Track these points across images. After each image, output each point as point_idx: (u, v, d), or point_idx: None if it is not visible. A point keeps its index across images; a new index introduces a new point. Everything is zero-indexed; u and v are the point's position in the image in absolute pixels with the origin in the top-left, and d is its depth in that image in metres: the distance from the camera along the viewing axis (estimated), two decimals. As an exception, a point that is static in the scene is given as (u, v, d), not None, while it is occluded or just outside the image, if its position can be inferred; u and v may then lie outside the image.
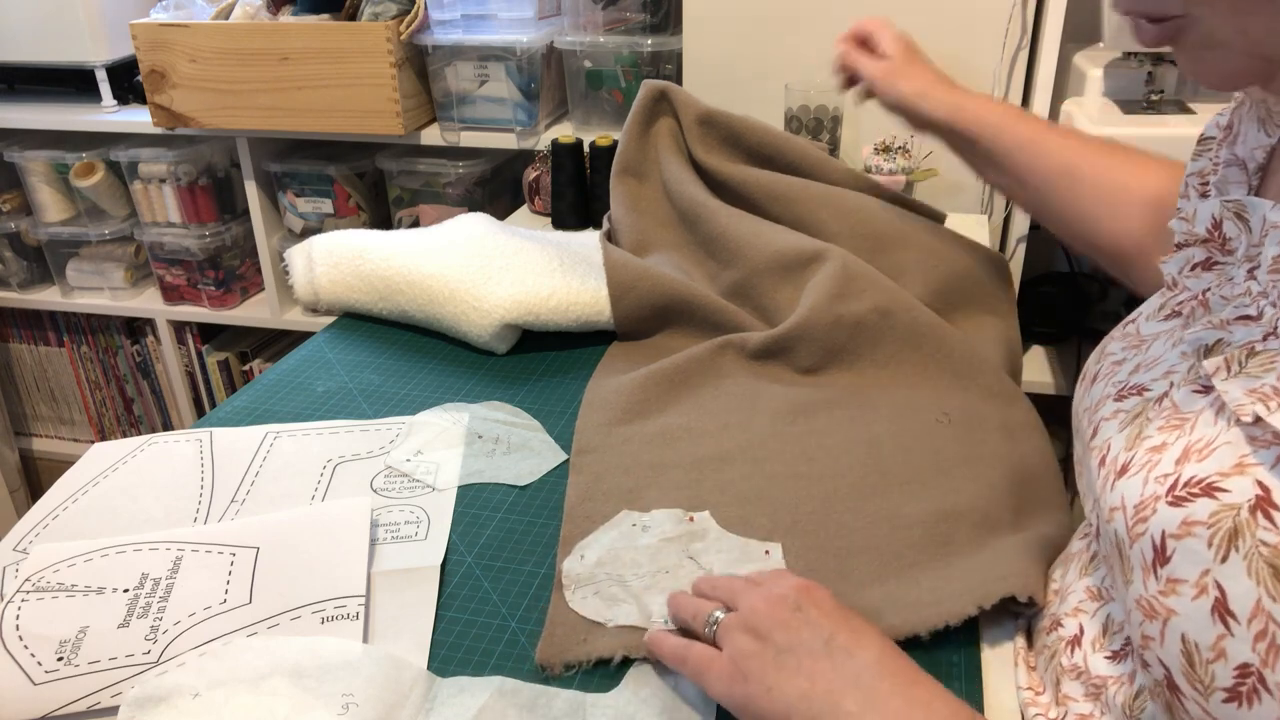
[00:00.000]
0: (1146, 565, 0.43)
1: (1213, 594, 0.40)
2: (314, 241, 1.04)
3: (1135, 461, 0.46)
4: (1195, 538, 0.40)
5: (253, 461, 0.77)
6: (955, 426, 0.76)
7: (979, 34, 1.31)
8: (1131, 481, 0.45)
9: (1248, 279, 0.46)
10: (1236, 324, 0.45)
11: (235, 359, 1.98)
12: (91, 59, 1.76)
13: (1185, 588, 0.41)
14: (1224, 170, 0.53)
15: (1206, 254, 0.51)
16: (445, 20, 1.53)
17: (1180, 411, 0.46)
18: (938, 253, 0.96)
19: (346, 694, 0.53)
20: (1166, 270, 0.53)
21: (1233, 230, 0.49)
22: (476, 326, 0.91)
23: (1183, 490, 0.42)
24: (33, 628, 0.59)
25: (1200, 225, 0.51)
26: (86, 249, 1.92)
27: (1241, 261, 0.48)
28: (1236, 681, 0.39)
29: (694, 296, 0.93)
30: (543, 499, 0.73)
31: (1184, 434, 0.45)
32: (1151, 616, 0.42)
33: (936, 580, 0.61)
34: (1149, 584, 0.43)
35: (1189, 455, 0.43)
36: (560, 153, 1.24)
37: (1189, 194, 0.56)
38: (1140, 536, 0.43)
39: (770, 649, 0.49)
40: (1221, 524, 0.40)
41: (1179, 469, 0.43)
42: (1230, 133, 0.54)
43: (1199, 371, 0.46)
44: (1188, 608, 0.41)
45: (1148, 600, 0.43)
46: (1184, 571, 0.41)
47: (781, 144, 1.07)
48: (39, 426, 2.22)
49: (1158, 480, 0.44)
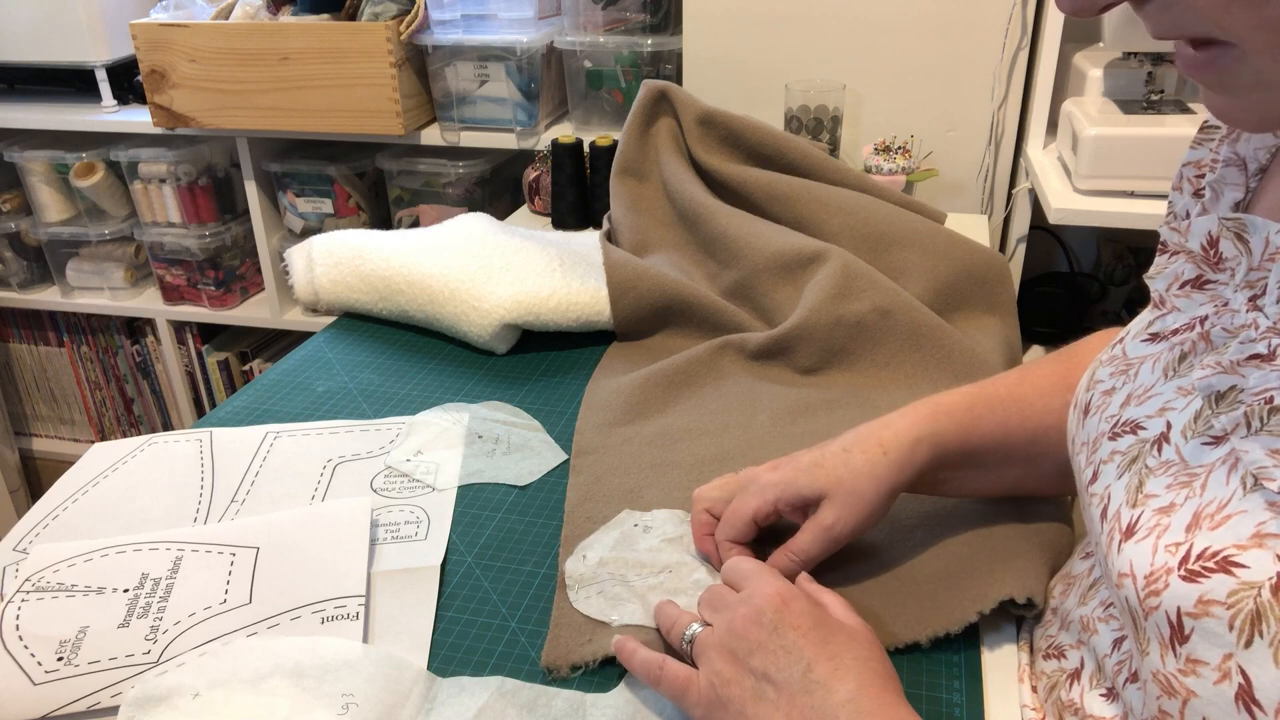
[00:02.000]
0: (1164, 641, 0.40)
1: (1236, 680, 0.37)
2: (314, 241, 1.04)
3: (1142, 524, 0.44)
4: (1214, 618, 0.38)
5: (253, 461, 0.77)
6: (955, 426, 0.76)
7: (979, 34, 1.31)
8: (1140, 548, 0.43)
9: (1250, 309, 0.43)
10: (1248, 365, 0.42)
11: (235, 359, 1.98)
12: (91, 59, 1.76)
13: (1206, 670, 0.39)
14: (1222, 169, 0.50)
15: (1196, 270, 0.48)
16: (445, 20, 1.53)
17: (1189, 467, 0.43)
18: (938, 253, 0.96)
19: (346, 694, 0.53)
20: (1154, 287, 0.50)
21: (1230, 250, 0.45)
22: (476, 326, 0.91)
23: (1195, 564, 0.40)
24: (33, 628, 0.59)
25: (1194, 242, 0.48)
26: (86, 249, 1.92)
27: (1241, 287, 0.44)
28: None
29: (694, 296, 0.93)
30: (543, 499, 0.73)
31: (1193, 494, 0.42)
32: (1170, 694, 0.40)
33: (936, 584, 0.61)
34: (1167, 661, 0.40)
35: (1200, 522, 0.41)
36: (560, 153, 1.24)
37: (1182, 186, 0.53)
38: (1154, 610, 0.41)
39: (748, 677, 0.49)
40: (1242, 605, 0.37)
41: (1190, 537, 0.40)
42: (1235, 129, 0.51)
43: (1207, 420, 0.43)
44: (1209, 691, 0.38)
45: (1165, 676, 0.40)
46: (1204, 653, 0.39)
47: (781, 144, 1.07)
48: (39, 426, 2.22)
49: (1168, 550, 0.41)
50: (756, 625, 0.50)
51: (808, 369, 0.86)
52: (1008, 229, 1.41)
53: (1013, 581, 0.58)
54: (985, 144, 1.37)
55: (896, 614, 0.59)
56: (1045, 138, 1.30)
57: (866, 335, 0.86)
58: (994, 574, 0.60)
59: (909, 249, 0.96)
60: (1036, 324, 1.49)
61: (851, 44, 1.36)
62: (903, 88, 1.37)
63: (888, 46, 1.35)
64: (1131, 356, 0.51)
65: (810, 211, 1.01)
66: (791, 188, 1.03)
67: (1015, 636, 0.59)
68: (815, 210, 1.01)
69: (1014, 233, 1.38)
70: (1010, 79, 1.33)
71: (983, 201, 1.40)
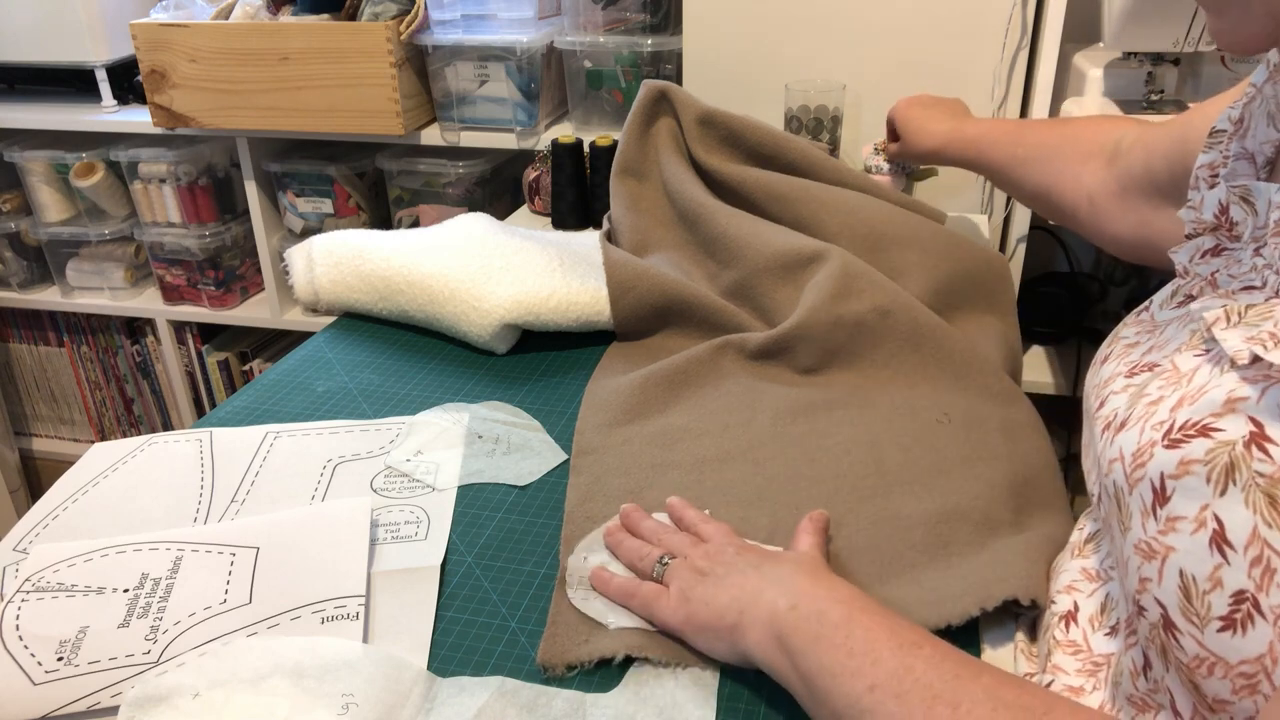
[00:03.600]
0: (1146, 508, 0.44)
1: (1211, 526, 0.41)
2: (314, 241, 1.04)
3: (1133, 416, 0.48)
4: (1193, 475, 0.42)
5: (253, 461, 0.77)
6: (955, 426, 0.76)
7: (979, 34, 1.31)
8: (1129, 433, 0.47)
9: (1254, 256, 0.48)
10: (1241, 294, 0.46)
11: (235, 359, 1.98)
12: (91, 59, 1.76)
13: (1184, 524, 0.42)
14: (1234, 164, 0.54)
15: (1215, 241, 0.52)
16: (445, 20, 1.53)
17: (1179, 370, 0.47)
18: (938, 253, 0.96)
19: (346, 694, 0.53)
20: (1178, 259, 0.54)
21: (1239, 214, 0.50)
22: (476, 326, 0.91)
23: (1178, 433, 0.43)
24: (33, 628, 0.59)
25: (1208, 212, 0.52)
26: (86, 249, 1.92)
27: (1248, 244, 0.49)
28: (1232, 609, 0.40)
29: (693, 296, 0.93)
30: (543, 499, 0.73)
31: (1180, 387, 0.46)
32: (1150, 557, 0.43)
33: (938, 581, 0.61)
34: (1148, 526, 0.44)
35: (1183, 402, 0.44)
36: (560, 153, 1.24)
37: (1199, 185, 0.56)
38: (1139, 481, 0.45)
39: (711, 577, 0.57)
40: (1218, 460, 0.41)
41: (1174, 415, 0.44)
42: (1241, 126, 0.55)
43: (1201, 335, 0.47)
44: (1186, 543, 0.42)
45: (1146, 541, 0.44)
46: (1183, 508, 0.42)
47: (781, 144, 1.07)
48: (39, 426, 2.22)
49: (1154, 428, 0.45)
50: (719, 554, 0.59)
51: (808, 369, 0.86)
52: (1008, 229, 1.41)
53: (1016, 581, 0.58)
54: (985, 144, 1.37)
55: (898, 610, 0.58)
56: (1045, 138, 1.30)
57: (866, 335, 0.86)
58: (996, 573, 0.59)
59: (909, 249, 0.96)
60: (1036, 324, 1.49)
61: (851, 44, 1.36)
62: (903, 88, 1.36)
63: (888, 46, 1.35)
64: (1159, 319, 0.56)
65: (810, 211, 1.01)
66: (791, 188, 1.03)
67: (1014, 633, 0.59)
68: (815, 210, 1.01)
69: (1014, 233, 1.38)
70: (1010, 79, 1.33)
71: (983, 201, 1.40)
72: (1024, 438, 0.75)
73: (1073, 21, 1.26)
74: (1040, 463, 0.73)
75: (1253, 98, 0.55)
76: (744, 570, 0.57)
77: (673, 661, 0.56)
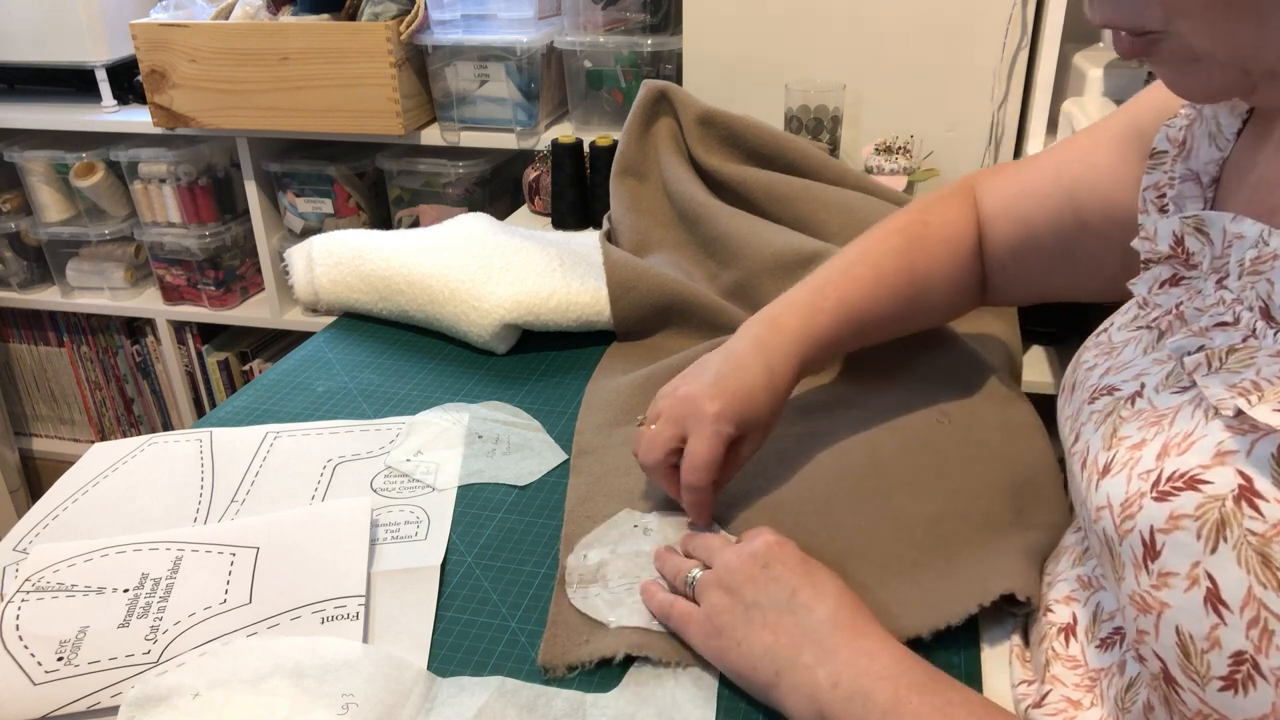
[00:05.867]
0: (1137, 561, 0.43)
1: (1204, 585, 0.40)
2: (314, 241, 1.04)
3: (1116, 461, 0.47)
4: (1183, 530, 0.41)
5: (253, 461, 0.77)
6: (955, 427, 0.76)
7: (979, 34, 1.31)
8: (1115, 481, 0.46)
9: (1218, 289, 0.47)
10: (1215, 330, 0.46)
11: (235, 359, 1.98)
12: (91, 59, 1.76)
13: (1177, 580, 0.41)
14: (1180, 185, 0.54)
15: (1172, 270, 0.52)
16: (445, 20, 1.53)
17: (1158, 410, 0.47)
18: (938, 253, 0.96)
19: (346, 694, 0.53)
20: (1137, 291, 0.54)
21: (1195, 245, 0.50)
22: (476, 326, 0.91)
23: (1166, 485, 0.43)
24: (33, 628, 0.59)
25: (1163, 243, 0.52)
26: (86, 249, 1.92)
27: (1208, 274, 0.49)
28: (1231, 670, 0.39)
29: (693, 296, 0.93)
30: (543, 499, 0.73)
31: (1162, 430, 0.45)
32: (1145, 611, 0.43)
33: (937, 580, 0.61)
34: (1140, 579, 0.43)
35: (1169, 450, 0.44)
36: (560, 153, 1.24)
37: (1147, 209, 0.56)
38: (1129, 534, 0.44)
39: (740, 605, 0.55)
40: (1208, 516, 0.40)
41: (1160, 464, 0.44)
42: (1184, 148, 0.55)
43: (1178, 376, 0.47)
44: (1180, 600, 0.41)
45: (1140, 595, 0.43)
46: (1174, 564, 0.41)
47: (781, 144, 1.07)
48: (39, 426, 2.22)
49: (1140, 477, 0.44)
50: (750, 563, 0.57)
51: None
52: (1008, 229, 1.41)
53: (1013, 577, 0.58)
54: (985, 144, 1.37)
55: (898, 610, 0.59)
56: (1045, 138, 1.30)
57: (866, 335, 0.85)
58: (995, 571, 0.59)
59: (909, 249, 0.96)
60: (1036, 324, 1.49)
61: (851, 44, 1.36)
62: (903, 88, 1.37)
63: (888, 46, 1.35)
64: (1116, 341, 0.55)
65: (810, 211, 1.01)
66: (791, 188, 1.03)
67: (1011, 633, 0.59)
68: (815, 210, 1.01)
69: (1014, 233, 1.38)
70: (1010, 79, 1.33)
71: (983, 201, 1.40)
72: (1024, 438, 0.75)
73: (1073, 21, 1.26)
74: (1040, 463, 0.73)
75: (1194, 120, 0.55)
76: (778, 607, 0.54)
77: (674, 661, 0.56)
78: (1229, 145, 0.53)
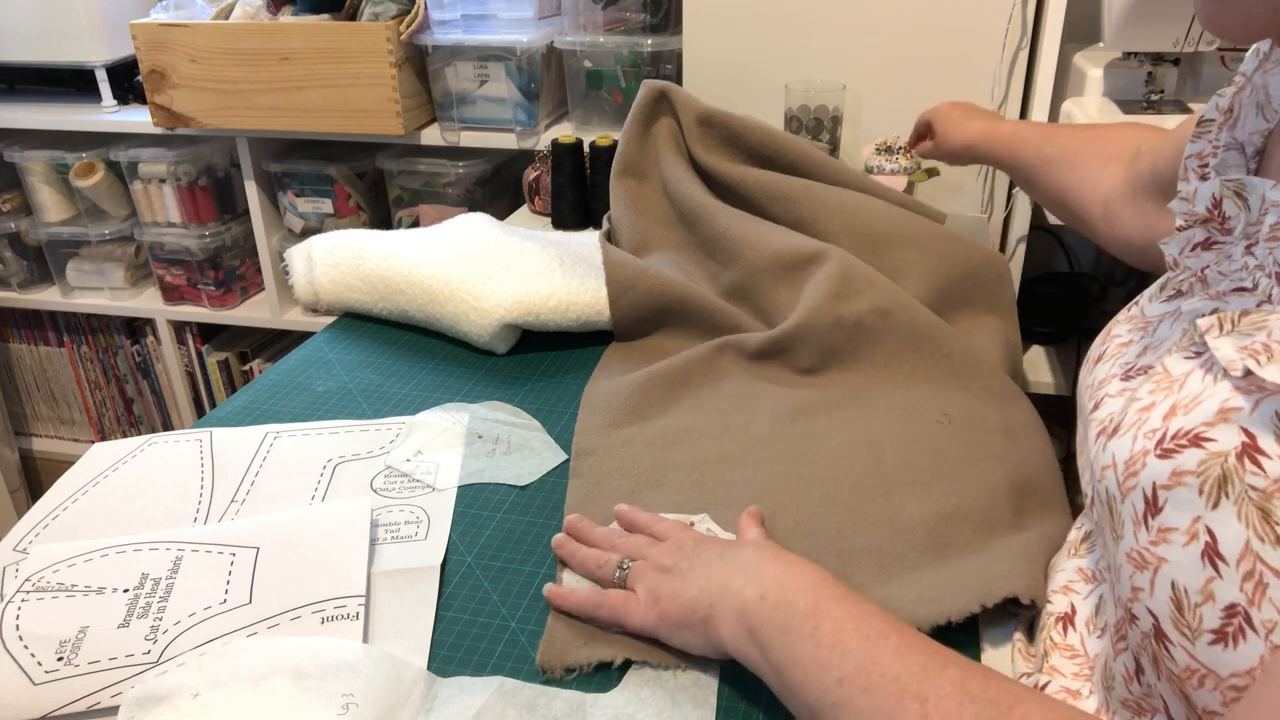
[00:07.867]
0: (1138, 518, 0.44)
1: (1203, 539, 0.40)
2: (314, 241, 1.04)
3: (1126, 421, 0.47)
4: (1185, 486, 0.41)
5: (253, 461, 0.77)
6: (955, 427, 0.76)
7: (979, 34, 1.31)
8: (1122, 440, 0.46)
9: (1245, 254, 0.47)
10: (1232, 295, 0.46)
11: (235, 359, 1.98)
12: (91, 59, 1.76)
13: (1176, 535, 0.42)
14: (1224, 154, 0.54)
15: (1206, 234, 0.51)
16: (445, 20, 1.53)
17: (1171, 375, 0.47)
18: (938, 253, 0.96)
19: (346, 694, 0.53)
20: (1168, 251, 0.54)
21: (1232, 209, 0.50)
22: (476, 326, 0.91)
23: (1171, 443, 0.43)
24: (33, 628, 0.59)
25: (1200, 205, 0.51)
26: (86, 249, 1.92)
27: (1239, 239, 0.49)
28: (1223, 622, 0.40)
29: (693, 297, 0.93)
30: (543, 499, 0.73)
31: (1172, 393, 0.46)
32: (1142, 567, 0.43)
33: (937, 580, 0.61)
34: (1140, 535, 0.44)
35: (1176, 411, 0.44)
36: (560, 153, 1.24)
37: (1189, 176, 0.56)
38: (1131, 490, 0.44)
39: (676, 572, 0.58)
40: (1210, 472, 0.41)
41: (1166, 424, 0.44)
42: (1230, 116, 0.55)
43: (1192, 337, 0.47)
44: (1178, 555, 0.41)
45: (1138, 551, 0.44)
46: (1175, 520, 0.42)
47: (781, 144, 1.07)
48: (39, 426, 2.22)
49: (1146, 436, 0.45)
50: (679, 549, 0.60)
51: (807, 369, 0.86)
52: (1008, 229, 1.41)
53: (1017, 580, 0.58)
54: (985, 144, 1.37)
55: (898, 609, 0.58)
56: (1045, 138, 1.30)
57: (866, 335, 0.85)
58: (997, 571, 0.59)
59: (909, 249, 0.96)
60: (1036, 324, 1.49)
61: (851, 44, 1.36)
62: (903, 88, 1.37)
63: (888, 46, 1.35)
64: (1150, 315, 0.56)
65: (810, 211, 1.01)
66: (791, 188, 1.03)
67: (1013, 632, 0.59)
68: (815, 210, 1.01)
69: (1014, 233, 1.38)
70: (1010, 79, 1.33)
71: (983, 201, 1.40)
72: (1024, 438, 0.75)
73: (1073, 21, 1.26)
74: (1040, 463, 0.73)
75: (1242, 87, 0.55)
76: (708, 561, 0.57)
77: (673, 665, 0.56)
78: (1277, 117, 0.52)
